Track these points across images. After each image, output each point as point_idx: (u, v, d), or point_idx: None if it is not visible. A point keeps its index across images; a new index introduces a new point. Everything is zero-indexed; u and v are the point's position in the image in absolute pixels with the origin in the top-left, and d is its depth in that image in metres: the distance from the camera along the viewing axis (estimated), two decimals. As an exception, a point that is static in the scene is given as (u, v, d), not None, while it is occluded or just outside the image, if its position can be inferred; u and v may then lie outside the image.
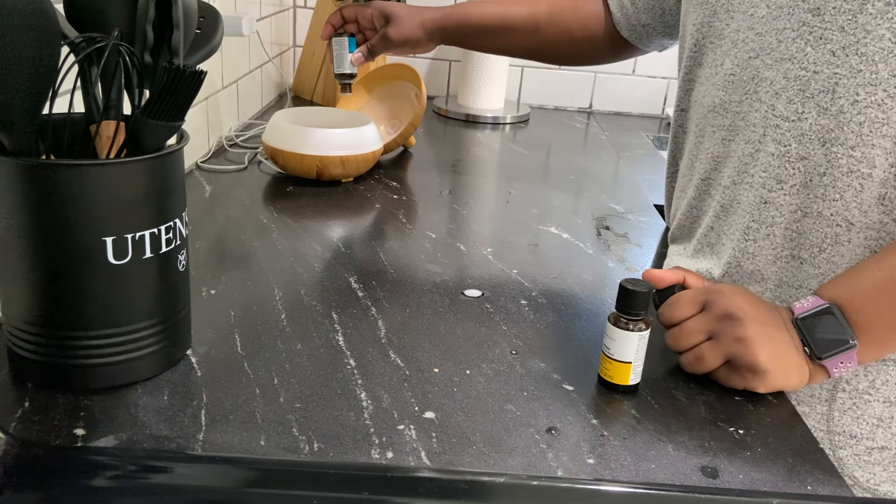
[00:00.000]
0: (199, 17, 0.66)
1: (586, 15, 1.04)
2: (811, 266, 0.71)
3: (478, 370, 0.66)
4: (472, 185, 1.21)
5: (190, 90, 0.55)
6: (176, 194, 0.59)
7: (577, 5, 1.05)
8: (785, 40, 0.70)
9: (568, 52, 1.08)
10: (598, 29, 1.04)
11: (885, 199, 0.67)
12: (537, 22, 1.06)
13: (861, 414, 0.73)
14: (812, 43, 0.68)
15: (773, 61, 0.71)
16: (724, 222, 0.78)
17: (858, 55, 0.65)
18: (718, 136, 0.78)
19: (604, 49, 1.06)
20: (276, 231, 0.94)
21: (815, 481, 0.56)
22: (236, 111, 1.37)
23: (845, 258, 0.69)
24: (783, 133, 0.71)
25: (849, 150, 0.67)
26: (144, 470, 0.53)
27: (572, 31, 1.05)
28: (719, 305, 0.65)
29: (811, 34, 0.68)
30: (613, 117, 1.83)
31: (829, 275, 0.70)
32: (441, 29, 1.09)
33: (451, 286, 0.82)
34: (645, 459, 0.57)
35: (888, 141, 0.65)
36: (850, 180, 0.67)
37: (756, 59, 0.73)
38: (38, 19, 0.51)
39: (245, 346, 0.67)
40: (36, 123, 0.54)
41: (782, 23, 0.70)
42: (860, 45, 0.65)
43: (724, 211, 0.78)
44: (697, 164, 0.82)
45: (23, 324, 0.57)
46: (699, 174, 0.81)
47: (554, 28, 1.06)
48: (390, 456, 0.55)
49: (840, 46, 0.66)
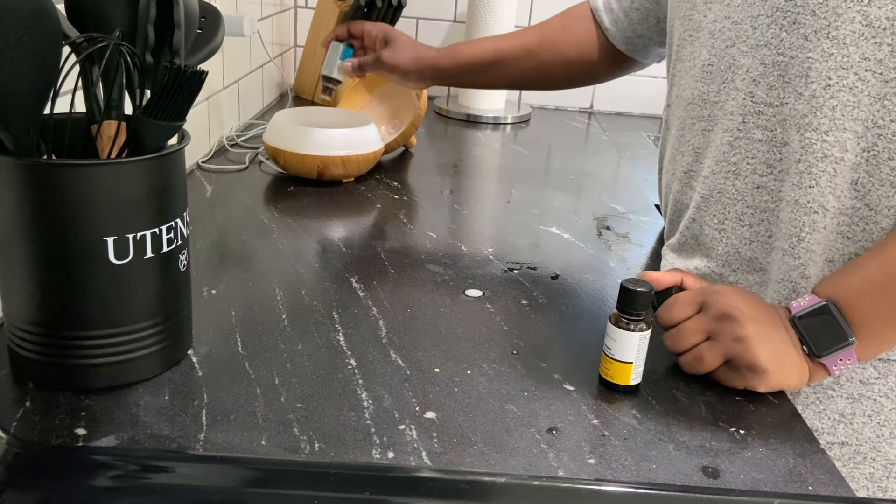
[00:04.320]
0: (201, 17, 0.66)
1: (578, 35, 1.04)
2: (791, 257, 0.71)
3: (479, 370, 0.66)
4: (472, 185, 1.21)
5: (191, 90, 0.55)
6: (177, 194, 0.59)
7: (567, 27, 1.05)
8: (760, 27, 0.71)
9: (564, 74, 1.08)
10: (593, 47, 1.04)
11: (857, 184, 0.67)
12: (529, 50, 1.06)
13: (823, 409, 0.73)
14: (786, 28, 0.68)
15: (748, 48, 0.72)
16: (706, 212, 0.78)
17: (830, 38, 0.66)
18: (698, 128, 0.78)
19: (601, 67, 1.06)
20: (277, 231, 0.94)
21: (815, 482, 0.56)
22: (237, 111, 1.37)
23: (821, 245, 0.69)
24: (768, 119, 0.71)
25: (822, 134, 0.67)
26: (145, 470, 0.53)
27: (566, 52, 1.05)
28: (717, 305, 0.65)
29: (785, 19, 0.69)
30: (614, 117, 1.83)
31: (809, 265, 0.70)
32: (433, 68, 1.10)
33: (452, 286, 0.82)
34: (646, 459, 0.57)
35: (859, 125, 0.66)
36: (825, 165, 0.68)
37: (732, 48, 0.73)
38: (40, 19, 0.51)
39: (246, 345, 0.67)
40: (37, 123, 0.54)
41: (757, 9, 0.71)
42: (831, 28, 0.66)
43: (704, 201, 0.78)
44: (679, 157, 0.82)
45: (24, 323, 0.57)
46: (682, 168, 0.82)
47: (547, 52, 1.06)
48: (391, 456, 0.55)
49: (812, 30, 0.67)
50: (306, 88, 1.68)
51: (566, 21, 1.06)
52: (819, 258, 0.70)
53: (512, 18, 1.64)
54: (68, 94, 0.58)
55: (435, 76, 1.11)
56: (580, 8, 1.06)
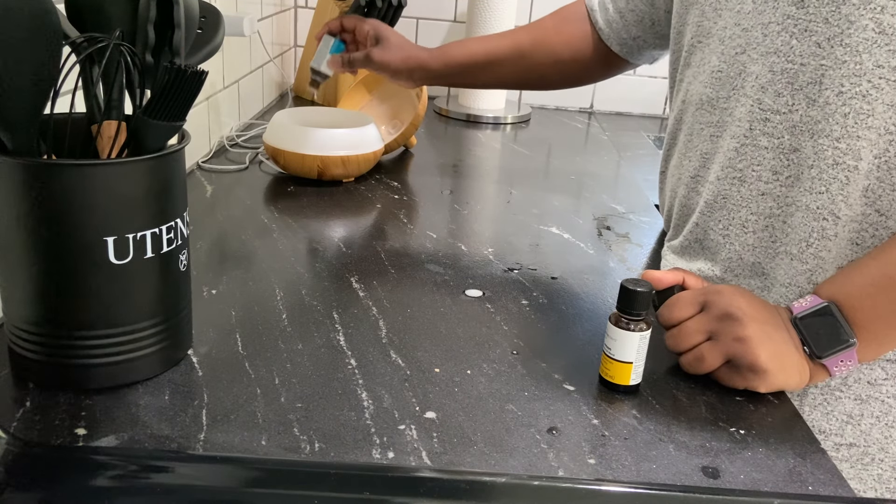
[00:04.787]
0: (201, 17, 0.66)
1: (570, 35, 1.04)
2: (799, 262, 0.71)
3: (479, 370, 0.66)
4: (472, 185, 1.21)
5: (191, 90, 0.55)
6: (177, 194, 0.59)
7: (560, 27, 1.05)
8: (770, 34, 0.71)
9: (556, 75, 1.08)
10: (585, 47, 1.04)
11: (868, 191, 0.67)
12: (521, 51, 1.06)
13: (831, 410, 0.73)
14: (797, 35, 0.68)
15: (758, 55, 0.72)
16: (710, 218, 0.78)
17: (843, 46, 0.66)
18: (707, 133, 0.79)
19: (593, 68, 1.06)
20: (277, 231, 0.94)
21: (816, 482, 0.56)
22: (237, 111, 1.37)
23: (832, 252, 0.69)
24: (775, 126, 0.71)
25: (834, 141, 0.67)
26: (145, 470, 0.53)
27: (558, 52, 1.05)
28: (718, 305, 0.65)
29: (796, 27, 0.69)
30: (614, 117, 1.83)
31: (816, 271, 0.70)
32: (423, 69, 1.09)
33: (452, 286, 0.82)
34: (646, 459, 0.57)
35: (873, 132, 0.66)
36: (836, 172, 0.68)
37: (742, 55, 0.73)
38: (40, 19, 0.51)
39: (246, 345, 0.67)
40: (37, 123, 0.54)
41: (767, 17, 0.71)
42: (844, 35, 0.66)
43: (709, 207, 0.78)
44: (687, 162, 0.82)
45: (24, 323, 0.57)
46: (689, 172, 0.82)
47: (539, 53, 1.06)
48: (391, 456, 0.55)
49: (825, 38, 0.67)
50: (306, 88, 1.68)
51: (558, 21, 1.06)
52: (829, 265, 0.70)
53: (512, 18, 1.64)
54: (68, 94, 0.58)
55: (425, 77, 1.11)
56: (573, 7, 1.06)
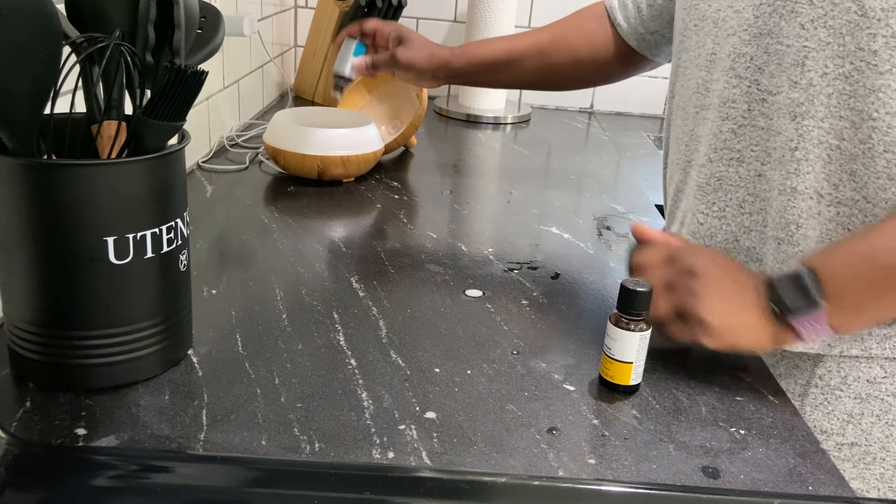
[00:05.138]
0: (201, 18, 0.66)
1: (590, 32, 1.04)
2: (789, 245, 0.72)
3: (479, 370, 0.66)
4: (473, 185, 1.21)
5: (191, 90, 0.55)
6: (177, 194, 0.59)
7: (579, 25, 1.05)
8: (762, 15, 0.71)
9: (575, 74, 1.08)
10: (605, 45, 1.04)
11: (855, 176, 0.67)
12: (542, 49, 1.06)
13: (832, 409, 0.73)
14: (785, 17, 0.69)
15: (750, 37, 0.72)
16: (701, 202, 0.79)
17: (826, 28, 0.66)
18: (700, 116, 0.79)
19: (612, 66, 1.06)
20: (277, 231, 0.94)
21: (816, 482, 0.56)
22: (237, 111, 1.37)
23: (816, 231, 0.70)
24: (769, 107, 0.71)
25: (818, 121, 0.68)
26: (145, 470, 0.53)
27: (577, 51, 1.05)
28: (683, 261, 0.67)
29: (784, 8, 0.69)
30: (614, 117, 1.83)
31: (808, 252, 0.71)
32: (447, 67, 1.10)
33: (453, 286, 0.82)
34: (646, 459, 0.57)
35: (856, 114, 0.66)
36: (820, 152, 0.68)
37: (734, 36, 0.74)
38: (40, 19, 0.51)
39: (246, 345, 0.67)
40: (37, 123, 0.54)
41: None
42: (828, 17, 0.66)
43: (701, 190, 0.79)
44: (682, 147, 0.83)
45: (24, 323, 0.57)
46: (685, 157, 0.82)
47: (559, 51, 1.06)
48: (391, 456, 0.55)
49: (809, 19, 0.67)
50: (306, 88, 1.68)
51: (579, 20, 1.06)
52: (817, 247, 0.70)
53: (512, 18, 1.64)
54: (68, 94, 0.58)
55: (448, 75, 1.11)
56: (594, 7, 1.06)
